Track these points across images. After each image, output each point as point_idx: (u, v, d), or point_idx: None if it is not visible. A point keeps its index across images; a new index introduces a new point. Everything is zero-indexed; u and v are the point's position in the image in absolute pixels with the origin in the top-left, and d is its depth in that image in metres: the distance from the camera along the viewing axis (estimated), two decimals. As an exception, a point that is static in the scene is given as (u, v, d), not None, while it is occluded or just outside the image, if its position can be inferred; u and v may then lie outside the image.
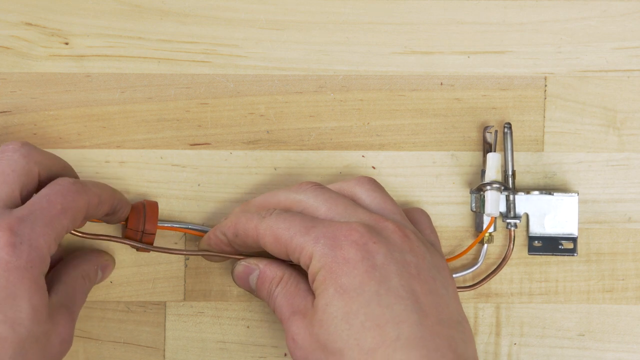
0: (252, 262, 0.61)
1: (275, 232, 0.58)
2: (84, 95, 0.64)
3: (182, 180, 0.64)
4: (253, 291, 0.61)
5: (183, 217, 0.64)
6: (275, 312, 0.59)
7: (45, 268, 0.55)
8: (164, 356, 0.64)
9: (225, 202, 0.64)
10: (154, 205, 0.62)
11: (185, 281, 0.64)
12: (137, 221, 0.61)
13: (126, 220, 0.62)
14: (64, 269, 0.60)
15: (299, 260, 0.57)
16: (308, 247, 0.57)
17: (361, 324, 0.54)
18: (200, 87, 0.64)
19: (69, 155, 0.63)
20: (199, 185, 0.64)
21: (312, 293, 0.58)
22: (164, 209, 0.64)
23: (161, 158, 0.64)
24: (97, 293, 0.63)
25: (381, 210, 0.59)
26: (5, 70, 0.63)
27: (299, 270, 0.60)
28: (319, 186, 0.60)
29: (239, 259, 0.61)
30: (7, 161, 0.57)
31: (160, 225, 0.62)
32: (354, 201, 0.60)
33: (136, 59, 0.64)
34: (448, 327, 0.55)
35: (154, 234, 0.61)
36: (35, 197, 0.56)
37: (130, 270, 0.64)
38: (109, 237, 0.61)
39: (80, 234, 0.60)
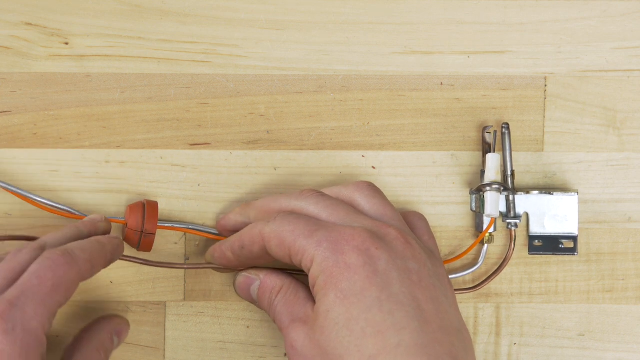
0: (252, 273, 0.61)
1: (280, 234, 0.58)
2: (84, 95, 0.64)
3: (182, 180, 0.64)
4: (255, 302, 0.61)
5: (183, 217, 0.64)
6: (275, 321, 0.59)
7: (43, 349, 0.54)
8: (164, 356, 0.64)
9: (225, 202, 0.64)
10: (154, 205, 0.62)
11: (185, 281, 0.64)
12: (137, 221, 0.61)
13: (126, 220, 0.62)
14: (77, 346, 0.59)
15: (300, 263, 0.57)
16: (310, 250, 0.57)
17: (362, 330, 0.54)
18: (200, 87, 0.64)
19: (69, 156, 0.63)
20: (199, 185, 0.64)
21: (311, 300, 0.58)
22: (164, 209, 0.64)
23: (161, 158, 0.64)
24: (97, 293, 0.63)
25: (381, 216, 0.59)
26: (5, 70, 0.63)
27: (299, 280, 0.60)
28: (320, 193, 0.60)
29: (241, 271, 0.62)
30: (17, 261, 0.56)
31: (161, 225, 0.62)
32: (353, 207, 0.60)
33: (136, 59, 0.64)
34: (449, 334, 0.55)
35: (154, 234, 0.61)
36: (25, 275, 0.54)
37: (130, 270, 0.64)
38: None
39: None
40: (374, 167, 0.64)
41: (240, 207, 0.62)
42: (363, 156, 0.64)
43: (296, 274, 0.62)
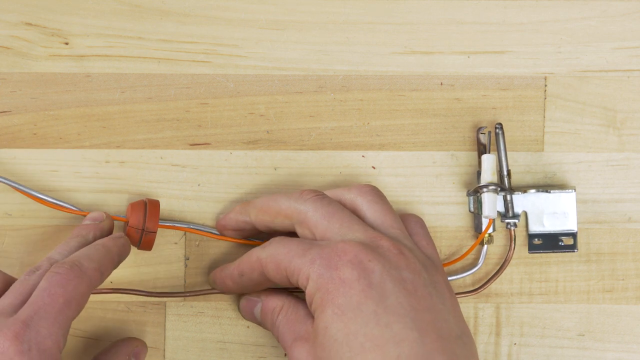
0: (254, 295, 0.62)
1: (275, 257, 0.58)
2: (84, 95, 0.64)
3: (182, 180, 0.64)
4: (260, 323, 0.61)
5: (183, 217, 0.64)
6: (279, 340, 0.60)
7: None
8: (164, 356, 0.64)
9: (225, 202, 0.64)
10: (156, 204, 0.62)
11: (185, 281, 0.64)
12: (138, 219, 0.61)
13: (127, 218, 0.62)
14: None
15: (297, 282, 0.57)
16: (305, 268, 0.57)
17: (361, 345, 0.54)
18: (200, 87, 0.64)
19: (69, 156, 0.64)
20: (199, 185, 0.64)
21: (311, 317, 0.58)
22: (164, 209, 0.64)
23: (161, 158, 0.64)
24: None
25: (381, 223, 0.59)
26: (5, 70, 0.63)
27: (299, 297, 0.61)
28: (320, 196, 0.60)
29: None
30: (32, 282, 0.56)
31: (162, 224, 0.62)
32: (353, 212, 0.60)
33: (136, 59, 0.64)
34: (449, 342, 0.55)
35: (155, 232, 0.61)
36: (37, 293, 0.55)
37: (130, 270, 0.64)
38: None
39: None
40: (374, 167, 0.64)
41: (240, 205, 0.62)
42: (363, 156, 0.64)
43: (297, 291, 0.62)
